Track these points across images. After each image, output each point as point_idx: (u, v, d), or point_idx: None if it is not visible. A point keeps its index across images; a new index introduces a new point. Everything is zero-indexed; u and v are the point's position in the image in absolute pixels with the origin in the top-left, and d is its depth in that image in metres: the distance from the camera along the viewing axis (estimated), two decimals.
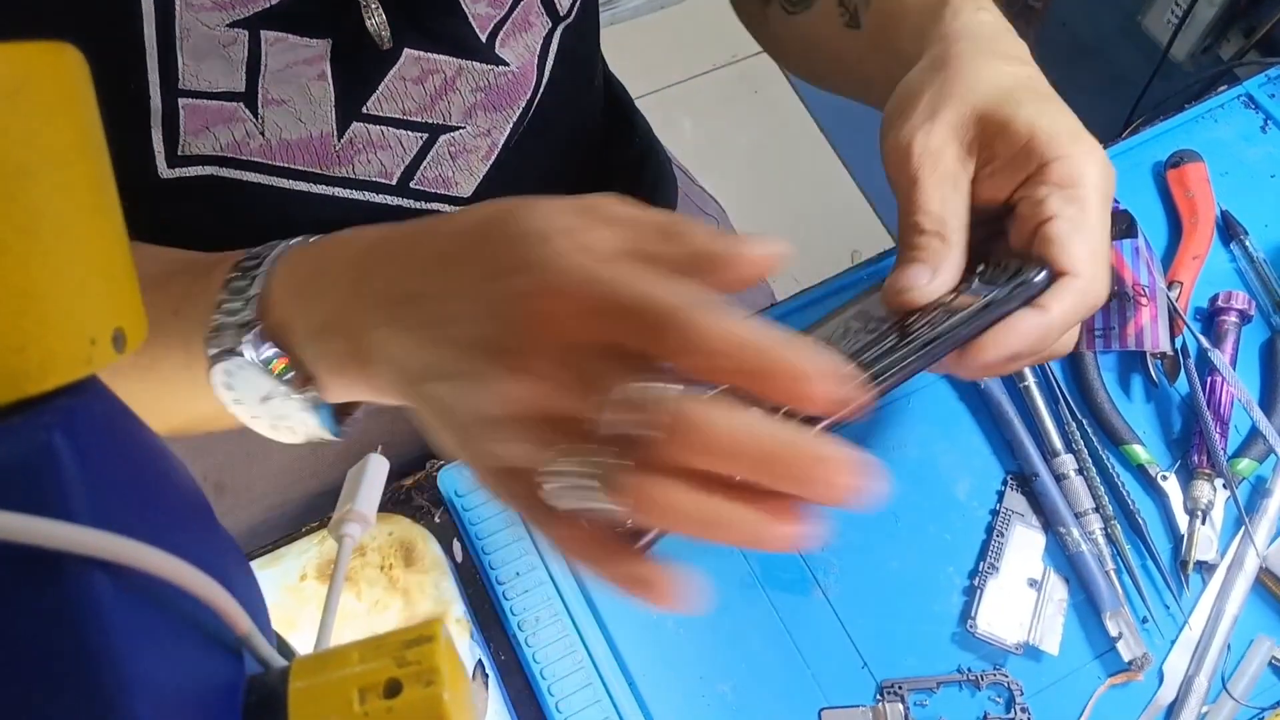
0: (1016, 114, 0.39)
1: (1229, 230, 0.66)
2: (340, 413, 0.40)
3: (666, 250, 0.30)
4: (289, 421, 0.39)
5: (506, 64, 0.54)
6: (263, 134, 0.49)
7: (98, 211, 0.20)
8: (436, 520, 0.58)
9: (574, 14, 0.56)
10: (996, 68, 0.41)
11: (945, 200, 0.38)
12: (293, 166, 0.52)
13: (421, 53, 0.50)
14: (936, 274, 0.37)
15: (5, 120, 0.18)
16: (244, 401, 0.38)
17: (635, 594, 0.29)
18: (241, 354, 0.36)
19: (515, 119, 0.57)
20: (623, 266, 0.29)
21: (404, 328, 0.33)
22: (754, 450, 0.26)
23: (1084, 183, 0.38)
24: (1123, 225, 0.63)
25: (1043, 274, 0.35)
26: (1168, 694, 0.53)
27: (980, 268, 0.39)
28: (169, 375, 0.41)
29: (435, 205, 0.57)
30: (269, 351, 0.37)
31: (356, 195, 0.55)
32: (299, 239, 0.40)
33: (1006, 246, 0.41)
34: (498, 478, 0.32)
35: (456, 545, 0.58)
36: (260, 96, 0.48)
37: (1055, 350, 0.41)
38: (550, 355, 0.29)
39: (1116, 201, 0.65)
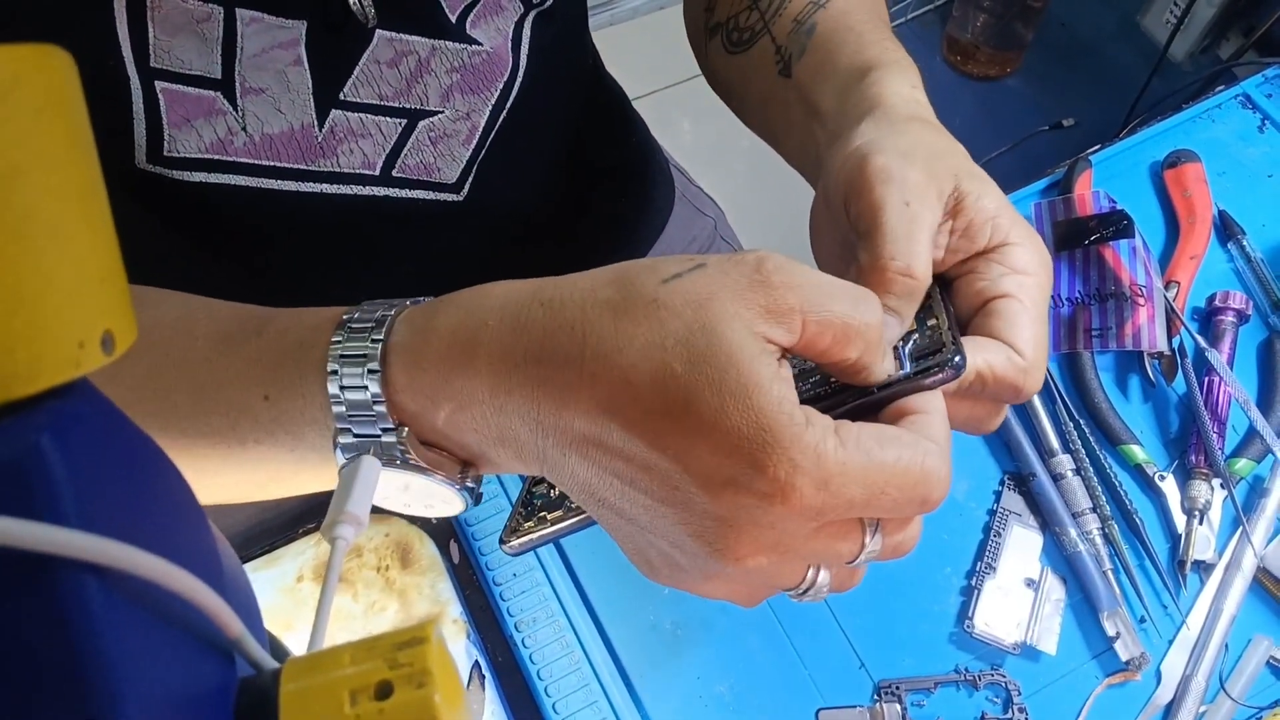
0: (986, 190, 0.39)
1: (1226, 230, 0.66)
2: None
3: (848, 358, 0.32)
4: (438, 506, 0.37)
5: (480, 44, 0.54)
6: (244, 129, 0.49)
7: (87, 213, 0.20)
8: (433, 521, 0.58)
9: (549, 1, 0.57)
10: (954, 143, 0.42)
11: (927, 248, 0.38)
12: (279, 165, 0.52)
13: (394, 34, 0.50)
14: (902, 325, 0.37)
15: None
16: (390, 496, 0.37)
17: None
18: (392, 455, 0.34)
19: (494, 102, 0.57)
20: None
21: (603, 490, 0.32)
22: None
23: (1036, 272, 0.39)
24: (1120, 225, 0.63)
25: (960, 358, 0.34)
26: (1165, 694, 0.53)
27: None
28: (261, 463, 0.38)
29: (419, 192, 0.57)
30: (427, 456, 0.34)
31: (343, 189, 0.55)
32: (396, 310, 0.35)
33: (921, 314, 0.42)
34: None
35: (453, 546, 0.57)
36: (238, 85, 0.48)
37: (981, 428, 0.41)
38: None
39: (1114, 200, 0.65)
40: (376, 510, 0.56)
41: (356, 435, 0.34)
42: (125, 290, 0.22)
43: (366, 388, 0.33)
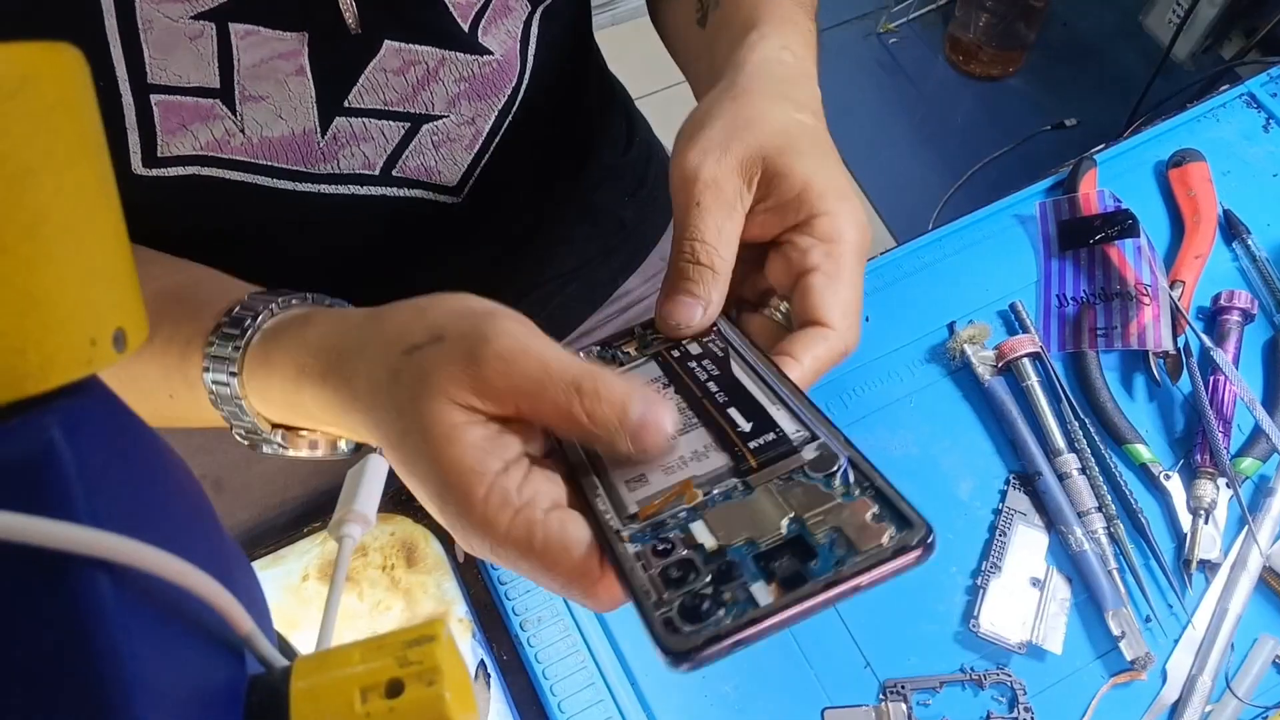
0: (795, 164, 0.40)
1: (1231, 229, 0.66)
2: None
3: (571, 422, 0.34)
4: (318, 456, 0.44)
5: (491, 53, 0.54)
6: (243, 131, 0.49)
7: (98, 212, 0.20)
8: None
9: None
10: (787, 113, 0.43)
11: (721, 230, 0.40)
12: (276, 165, 0.52)
13: (402, 44, 0.50)
14: (707, 308, 0.40)
15: (6, 121, 0.18)
16: (275, 451, 0.43)
17: None
18: (275, 444, 0.42)
19: (500, 108, 0.57)
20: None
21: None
22: None
23: (843, 239, 0.40)
24: (1125, 224, 0.63)
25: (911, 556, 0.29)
26: (1171, 693, 0.53)
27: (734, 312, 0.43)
28: (186, 416, 0.45)
29: (418, 192, 0.57)
30: (299, 443, 0.42)
31: (341, 189, 0.54)
32: (263, 319, 0.41)
33: (763, 281, 0.43)
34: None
35: (458, 545, 0.57)
36: (237, 93, 0.48)
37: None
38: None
39: (1119, 200, 0.65)
40: (382, 509, 0.57)
41: (235, 422, 0.41)
42: (136, 287, 0.22)
43: (229, 385, 0.40)
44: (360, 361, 0.36)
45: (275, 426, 0.41)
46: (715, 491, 0.32)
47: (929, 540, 0.28)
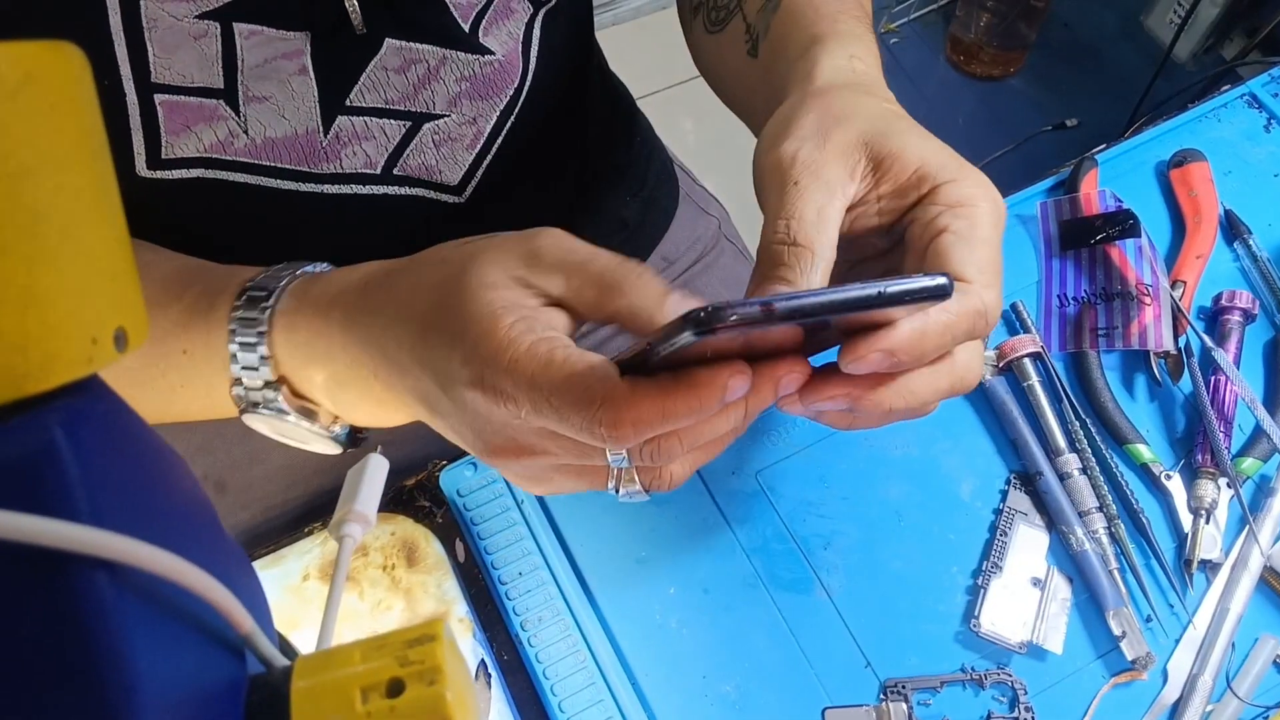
0: (904, 144, 0.38)
1: (1232, 229, 0.66)
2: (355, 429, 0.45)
3: (600, 303, 0.35)
4: (314, 445, 0.44)
5: (492, 53, 0.54)
6: (246, 132, 0.49)
7: (100, 211, 0.20)
8: (439, 520, 0.58)
9: None
10: (878, 104, 0.41)
11: (821, 210, 0.36)
12: (280, 165, 0.52)
13: (403, 43, 0.50)
14: (799, 287, 0.36)
15: (7, 120, 0.18)
16: (279, 433, 0.43)
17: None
18: (272, 407, 0.41)
19: (502, 108, 0.57)
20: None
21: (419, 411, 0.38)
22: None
23: (976, 203, 0.37)
24: (1126, 224, 0.63)
25: (942, 279, 0.30)
26: (1172, 693, 0.53)
27: None
28: (190, 403, 0.45)
29: (420, 190, 0.57)
30: (298, 405, 0.42)
31: (344, 189, 0.55)
32: (286, 281, 0.42)
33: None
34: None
35: (459, 545, 0.58)
36: (241, 94, 0.48)
37: (961, 379, 0.37)
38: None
39: (1119, 200, 0.65)
40: (382, 508, 0.57)
41: (245, 387, 0.41)
42: (137, 286, 0.22)
43: (255, 346, 0.40)
44: (413, 266, 0.37)
45: (280, 379, 0.41)
46: None
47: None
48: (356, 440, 0.45)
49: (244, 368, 0.41)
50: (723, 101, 0.60)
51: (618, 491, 0.36)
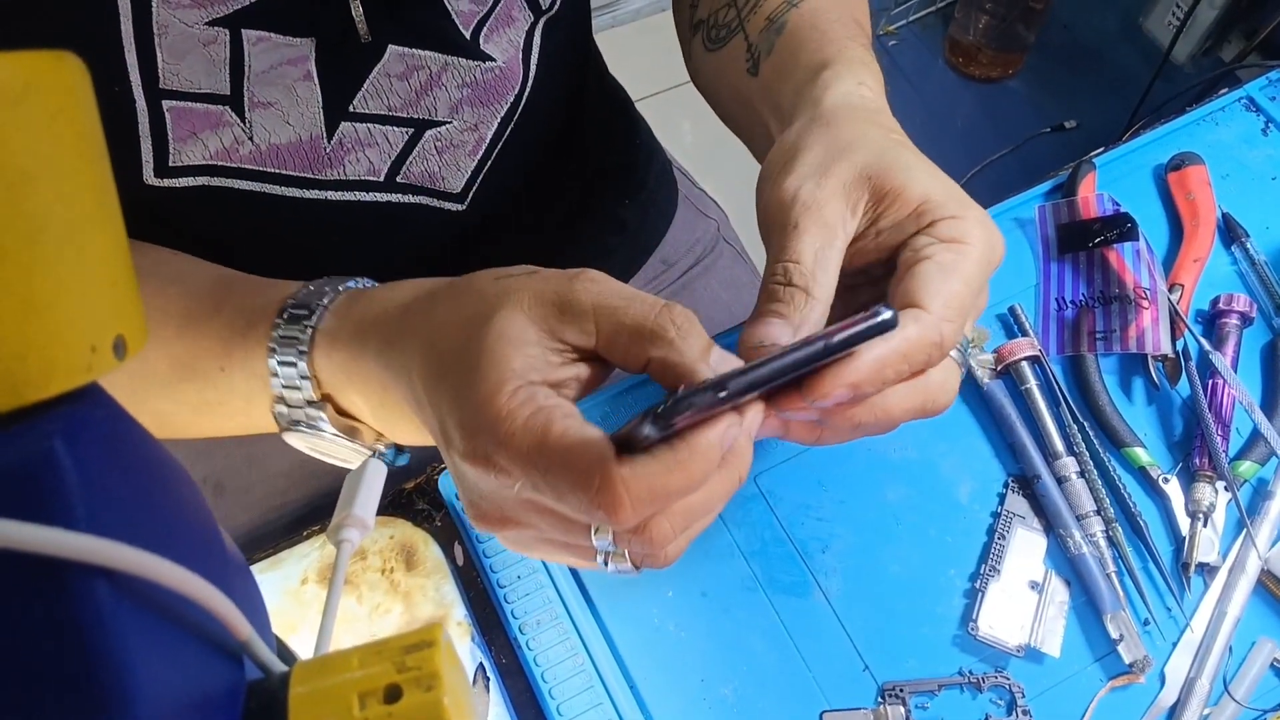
0: (908, 178, 0.38)
1: (1230, 233, 0.66)
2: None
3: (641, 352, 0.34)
4: (355, 463, 0.43)
5: (493, 59, 0.54)
6: (251, 139, 0.49)
7: (99, 219, 0.20)
8: (437, 524, 0.58)
9: (556, 7, 0.57)
10: (884, 134, 0.41)
11: (819, 254, 0.37)
12: (284, 172, 0.52)
13: (406, 49, 0.50)
14: (797, 333, 0.36)
15: (7, 129, 0.18)
16: (318, 450, 0.43)
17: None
18: (315, 426, 0.41)
19: (503, 114, 0.57)
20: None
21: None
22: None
23: (969, 240, 0.37)
24: (1124, 227, 0.63)
25: (887, 314, 0.31)
26: (1169, 696, 0.53)
27: None
28: (226, 420, 0.45)
29: (422, 198, 0.57)
30: (343, 425, 0.41)
31: (347, 196, 0.55)
32: (329, 298, 0.41)
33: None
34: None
35: (457, 548, 0.58)
36: (247, 100, 0.48)
37: (934, 399, 0.37)
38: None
39: (1117, 203, 0.65)
40: (381, 512, 0.57)
41: (289, 405, 0.41)
42: (136, 294, 0.22)
43: (295, 364, 0.40)
44: (453, 292, 0.37)
45: (324, 398, 0.41)
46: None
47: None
48: (399, 457, 0.45)
49: (285, 386, 0.40)
50: (718, 116, 0.60)
51: (606, 566, 0.36)
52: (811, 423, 0.36)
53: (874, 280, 0.42)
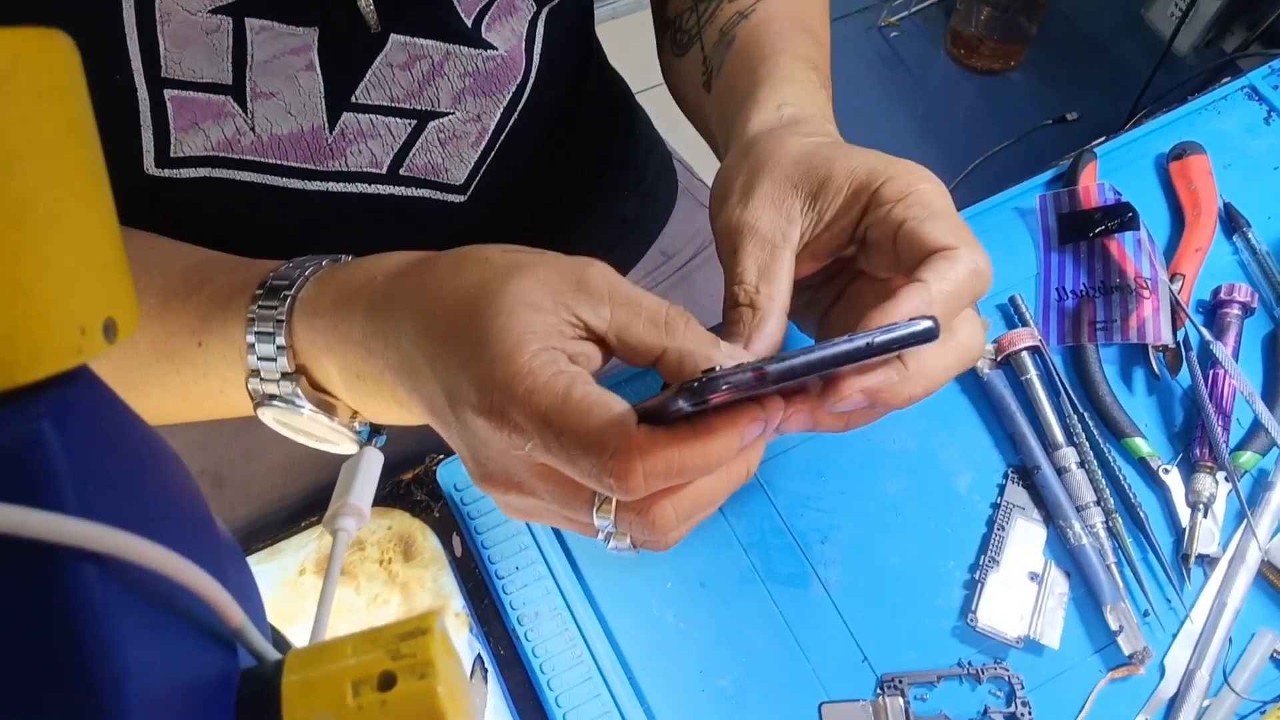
0: (833, 166, 0.39)
1: (1232, 222, 0.66)
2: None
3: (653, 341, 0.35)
4: (330, 441, 0.42)
5: (495, 48, 0.54)
6: (253, 129, 0.49)
7: (88, 200, 0.20)
8: (436, 514, 0.58)
9: None
10: (798, 140, 0.42)
11: (763, 268, 0.38)
12: (286, 163, 0.51)
13: (408, 38, 0.50)
14: (750, 344, 0.38)
15: None
16: (292, 428, 0.42)
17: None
18: (289, 401, 0.40)
19: (505, 104, 0.57)
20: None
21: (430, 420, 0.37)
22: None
23: (916, 186, 0.38)
24: (1125, 217, 0.63)
25: (928, 322, 0.31)
26: (1169, 687, 0.53)
27: None
28: (204, 400, 0.44)
29: (425, 191, 0.57)
30: (316, 398, 0.40)
31: (349, 188, 0.54)
32: (311, 270, 0.41)
33: (860, 290, 0.42)
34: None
35: (456, 539, 0.57)
36: (249, 90, 0.47)
37: (968, 349, 0.37)
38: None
39: (1118, 193, 0.65)
40: (379, 503, 0.57)
41: (263, 378, 0.40)
42: (127, 276, 0.22)
43: (273, 337, 0.38)
44: (452, 257, 0.36)
45: (298, 369, 0.40)
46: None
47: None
48: (375, 438, 0.44)
49: (261, 358, 0.39)
50: (688, 118, 0.61)
51: (607, 541, 0.36)
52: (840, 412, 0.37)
53: (849, 261, 0.43)
